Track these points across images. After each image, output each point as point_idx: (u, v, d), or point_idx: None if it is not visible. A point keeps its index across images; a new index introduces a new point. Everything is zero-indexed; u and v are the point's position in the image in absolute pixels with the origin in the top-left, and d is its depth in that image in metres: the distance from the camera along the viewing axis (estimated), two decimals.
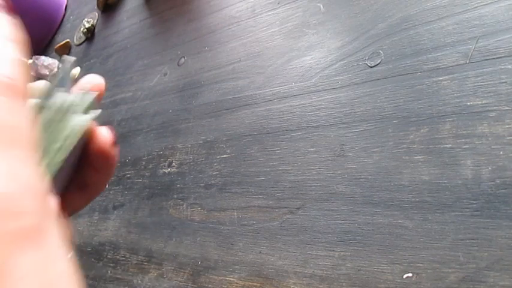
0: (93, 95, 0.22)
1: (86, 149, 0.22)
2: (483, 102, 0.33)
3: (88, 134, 0.21)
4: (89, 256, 0.59)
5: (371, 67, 0.42)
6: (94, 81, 0.24)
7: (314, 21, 0.50)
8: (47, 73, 0.91)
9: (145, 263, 0.50)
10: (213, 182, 0.49)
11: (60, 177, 0.22)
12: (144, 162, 0.60)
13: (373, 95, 0.40)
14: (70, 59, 0.22)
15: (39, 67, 0.90)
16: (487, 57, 0.35)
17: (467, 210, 0.31)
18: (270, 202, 0.43)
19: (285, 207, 0.41)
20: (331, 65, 0.45)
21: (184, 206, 0.50)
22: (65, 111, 0.21)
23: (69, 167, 0.22)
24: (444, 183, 0.33)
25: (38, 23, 1.06)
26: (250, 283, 0.40)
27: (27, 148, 0.14)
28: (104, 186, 0.24)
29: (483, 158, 0.32)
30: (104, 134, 0.22)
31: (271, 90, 0.50)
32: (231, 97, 0.54)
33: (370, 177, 0.37)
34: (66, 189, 0.24)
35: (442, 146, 0.34)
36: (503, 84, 0.33)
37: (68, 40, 0.97)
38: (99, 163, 0.23)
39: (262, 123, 0.48)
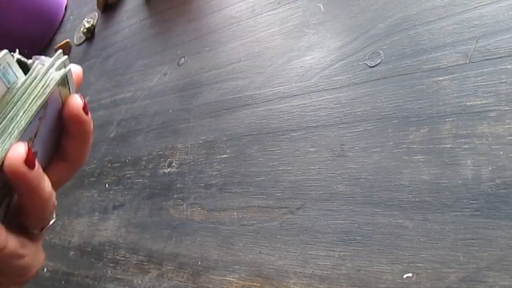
0: (63, 58, 0.23)
1: (61, 116, 0.23)
2: (483, 102, 0.33)
3: (61, 100, 0.22)
4: (89, 256, 0.59)
5: (371, 67, 0.42)
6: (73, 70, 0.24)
7: (314, 21, 0.50)
8: None
9: (145, 263, 0.50)
10: (213, 182, 0.49)
11: (43, 146, 0.23)
12: (144, 162, 0.60)
13: (373, 95, 0.40)
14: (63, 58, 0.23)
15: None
16: (487, 57, 0.35)
17: (467, 210, 0.31)
18: (270, 202, 0.43)
19: (285, 207, 0.41)
20: (331, 65, 0.45)
21: (184, 206, 0.50)
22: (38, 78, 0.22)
23: (49, 136, 0.23)
24: (444, 183, 0.33)
25: (38, 23, 1.06)
26: (250, 283, 0.40)
27: None
28: (83, 155, 0.25)
29: (483, 158, 0.32)
30: (75, 99, 0.23)
31: (271, 90, 0.50)
32: (231, 97, 0.54)
33: (370, 177, 0.37)
34: (50, 161, 0.24)
35: (442, 146, 0.34)
36: (503, 84, 0.33)
37: (68, 40, 0.97)
38: (73, 129, 0.23)
39: (262, 123, 0.48)
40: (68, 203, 0.69)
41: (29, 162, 0.20)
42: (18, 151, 0.20)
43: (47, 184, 0.22)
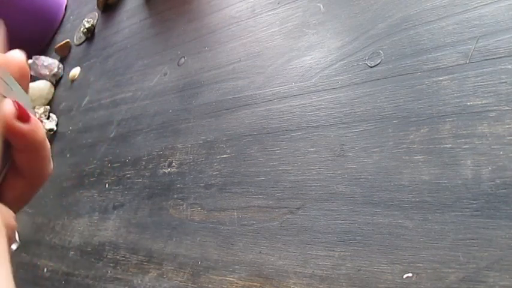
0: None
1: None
2: (483, 102, 0.33)
3: None
4: (89, 256, 0.59)
5: (371, 67, 0.42)
6: (15, 61, 0.21)
7: (314, 21, 0.50)
8: (47, 73, 0.91)
9: (145, 263, 0.50)
10: (213, 182, 0.49)
11: None
12: (144, 162, 0.60)
13: (373, 95, 0.40)
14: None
15: (39, 67, 0.90)
16: (487, 57, 0.35)
17: (467, 210, 0.31)
18: (270, 202, 0.43)
19: (285, 207, 0.41)
20: (331, 65, 0.45)
21: (184, 206, 0.50)
22: None
23: None
24: (444, 183, 0.33)
25: (38, 23, 1.06)
26: (250, 283, 0.40)
27: None
28: (38, 168, 0.21)
29: (483, 158, 0.32)
30: (4, 106, 0.19)
31: (271, 90, 0.50)
32: (231, 97, 0.54)
33: (370, 177, 0.37)
34: (5, 178, 0.21)
35: (442, 146, 0.34)
36: (503, 84, 0.33)
37: (68, 40, 0.97)
38: (15, 143, 0.20)
39: (262, 123, 0.48)
40: (68, 203, 0.69)
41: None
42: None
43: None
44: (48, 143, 0.21)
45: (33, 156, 0.21)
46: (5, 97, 0.19)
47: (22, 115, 0.19)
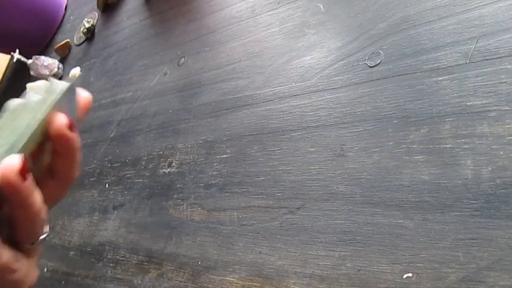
0: (65, 84, 0.24)
1: (47, 135, 0.24)
2: (483, 102, 0.33)
3: (48, 121, 0.23)
4: (89, 256, 0.59)
5: (371, 67, 0.42)
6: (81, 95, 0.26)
7: (314, 21, 0.50)
8: (47, 73, 0.91)
9: (145, 263, 0.50)
10: (213, 182, 0.49)
11: (35, 164, 0.24)
12: (144, 162, 0.60)
13: (373, 95, 0.40)
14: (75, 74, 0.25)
15: (39, 67, 0.90)
16: (487, 57, 0.35)
17: (467, 210, 0.31)
18: (270, 202, 0.43)
19: (285, 207, 0.41)
20: (331, 65, 0.45)
21: (184, 206, 0.50)
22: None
23: (41, 153, 0.24)
24: (444, 183, 0.33)
25: (38, 23, 1.06)
26: (250, 283, 0.40)
27: None
28: (72, 172, 0.26)
29: (483, 158, 0.32)
30: (59, 118, 0.24)
31: (271, 90, 0.50)
32: (231, 97, 0.54)
33: (370, 177, 0.37)
34: (40, 179, 0.25)
35: (442, 146, 0.34)
36: (503, 84, 0.33)
37: (68, 40, 0.97)
38: (59, 147, 0.24)
39: (262, 123, 0.48)
40: (68, 203, 0.69)
41: (22, 173, 0.21)
42: (13, 162, 0.21)
43: (38, 198, 0.23)
44: (81, 153, 0.26)
45: (69, 159, 0.25)
46: (66, 112, 0.24)
47: (71, 126, 0.24)
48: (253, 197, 0.44)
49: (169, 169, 0.56)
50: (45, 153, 0.25)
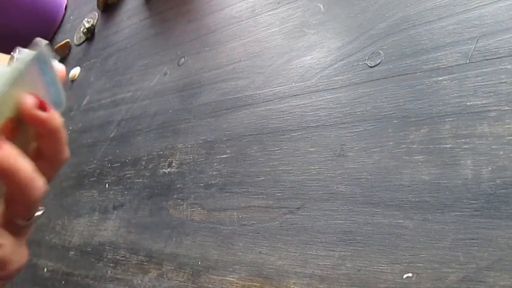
0: (31, 53, 0.23)
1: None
2: (483, 102, 0.33)
3: (18, 98, 0.23)
4: (89, 256, 0.59)
5: (371, 67, 0.42)
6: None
7: (314, 21, 0.50)
8: None
9: (145, 263, 0.50)
10: (213, 182, 0.49)
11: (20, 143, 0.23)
12: (144, 162, 0.60)
13: (373, 95, 0.40)
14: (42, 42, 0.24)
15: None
16: (487, 57, 0.35)
17: (467, 210, 0.31)
18: (270, 202, 0.43)
19: (285, 207, 0.41)
20: (331, 65, 0.45)
21: (184, 206, 0.50)
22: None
23: (21, 132, 0.24)
24: (444, 183, 0.33)
25: (38, 23, 1.06)
26: (250, 283, 0.40)
27: None
28: (58, 151, 0.25)
29: (483, 158, 0.32)
30: (25, 99, 0.23)
31: (271, 90, 0.50)
32: (231, 97, 0.54)
33: (370, 177, 0.37)
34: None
35: (442, 146, 0.34)
36: (503, 84, 0.33)
37: (68, 40, 0.97)
38: (36, 128, 0.24)
39: (262, 123, 0.48)
40: (68, 203, 0.69)
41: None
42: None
43: (26, 165, 0.22)
44: (64, 130, 0.25)
45: (51, 140, 0.24)
46: (43, 87, 0.24)
47: (41, 106, 0.23)
48: (253, 197, 0.44)
49: (169, 169, 0.56)
50: (27, 133, 0.24)
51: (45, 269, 0.65)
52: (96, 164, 0.69)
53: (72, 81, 0.88)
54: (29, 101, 0.23)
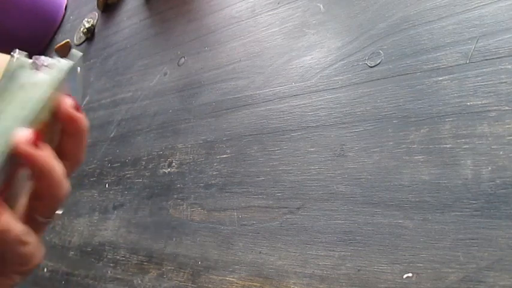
0: (67, 64, 0.26)
1: (56, 116, 0.25)
2: (483, 102, 0.33)
3: (56, 102, 0.25)
4: (89, 256, 0.59)
5: (371, 67, 0.42)
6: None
7: (314, 21, 0.50)
8: None
9: (145, 263, 0.50)
10: (213, 182, 0.49)
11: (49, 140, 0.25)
12: (144, 162, 0.60)
13: (373, 95, 0.40)
14: (77, 54, 0.27)
15: (39, 67, 0.90)
16: (487, 57, 0.35)
17: (467, 210, 0.31)
18: (270, 202, 0.43)
19: (285, 207, 0.41)
20: (331, 65, 0.45)
21: (184, 206, 0.50)
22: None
23: (49, 134, 0.25)
24: (444, 183, 0.33)
25: (38, 23, 1.06)
26: (250, 283, 0.40)
27: None
28: (80, 151, 0.27)
29: (483, 158, 0.32)
30: (65, 99, 0.25)
31: (271, 90, 0.50)
32: (231, 97, 0.54)
33: (370, 177, 0.37)
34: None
35: (442, 146, 0.34)
36: (503, 84, 0.33)
37: (68, 40, 0.97)
38: (68, 128, 0.26)
39: (262, 123, 0.48)
40: (68, 203, 0.69)
41: (35, 142, 0.23)
42: (26, 133, 0.23)
43: (58, 168, 0.24)
44: (88, 133, 0.27)
45: (78, 139, 0.26)
46: (70, 93, 0.26)
47: (77, 108, 0.25)
48: (253, 197, 0.44)
49: (169, 169, 0.56)
50: (53, 135, 0.26)
51: (45, 269, 0.65)
52: (96, 164, 0.69)
53: None
54: (69, 101, 0.25)
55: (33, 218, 0.25)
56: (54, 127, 0.26)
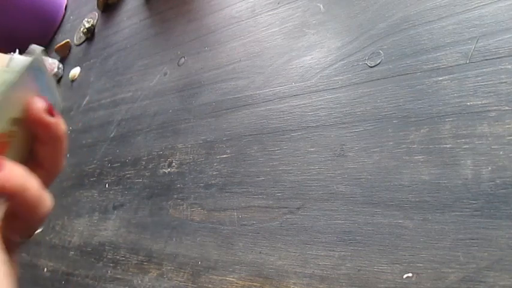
0: (27, 59, 0.21)
1: (25, 122, 0.22)
2: (483, 102, 0.33)
3: (16, 106, 0.21)
4: (89, 256, 0.59)
5: (371, 67, 0.42)
6: None
7: (314, 21, 0.50)
8: None
9: (145, 263, 0.50)
10: (213, 182, 0.49)
11: (13, 151, 0.22)
12: (144, 162, 0.60)
13: (373, 95, 0.40)
14: (37, 48, 0.22)
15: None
16: (487, 57, 0.35)
17: (467, 210, 0.31)
18: (270, 202, 0.43)
19: (285, 207, 0.41)
20: (331, 65, 0.45)
21: (184, 206, 0.50)
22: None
23: (18, 142, 0.22)
24: (444, 183, 0.33)
25: (38, 23, 1.06)
26: (250, 283, 0.40)
27: None
28: (57, 160, 0.24)
29: (483, 158, 0.32)
30: (35, 102, 0.22)
31: (271, 90, 0.50)
32: (231, 97, 0.54)
33: (370, 177, 0.37)
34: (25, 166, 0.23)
35: (442, 146, 0.34)
36: (503, 84, 0.33)
37: (68, 40, 0.97)
38: (40, 134, 0.22)
39: (262, 123, 0.48)
40: (68, 203, 0.69)
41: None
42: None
43: (32, 182, 0.21)
44: (66, 140, 0.24)
45: (53, 147, 0.23)
46: (38, 95, 0.22)
47: (49, 110, 0.22)
48: (253, 197, 0.44)
49: (169, 169, 0.56)
50: (23, 143, 0.22)
51: (45, 269, 0.65)
52: (96, 164, 0.69)
53: (72, 81, 0.88)
54: (38, 104, 0.22)
55: (6, 239, 0.22)
56: (23, 134, 0.22)
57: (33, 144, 0.23)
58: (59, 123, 0.23)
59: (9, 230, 0.22)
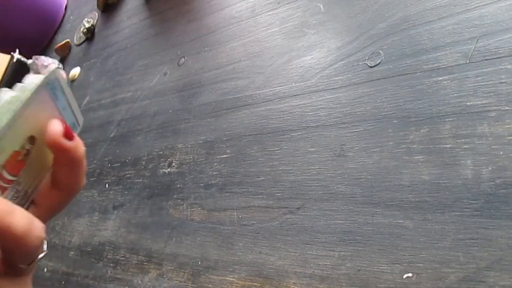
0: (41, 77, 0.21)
1: (42, 142, 0.21)
2: (483, 102, 0.33)
3: (32, 126, 0.21)
4: (89, 256, 0.59)
5: (371, 67, 0.42)
6: None
7: (314, 21, 0.50)
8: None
9: (145, 263, 0.50)
10: (213, 182, 0.49)
11: (30, 172, 0.22)
12: (144, 162, 0.60)
13: (373, 95, 0.40)
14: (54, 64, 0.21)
15: (39, 67, 0.90)
16: (487, 57, 0.35)
17: (467, 210, 0.31)
18: (270, 202, 0.43)
19: (285, 207, 0.41)
20: (331, 65, 0.45)
21: (184, 206, 0.50)
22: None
23: (35, 160, 0.22)
24: (444, 183, 0.33)
25: (38, 23, 1.06)
26: (250, 283, 0.40)
27: None
28: (75, 182, 0.23)
29: (483, 158, 0.32)
30: (53, 125, 0.21)
31: (271, 90, 0.50)
32: (231, 97, 0.54)
33: (370, 177, 0.37)
34: (42, 188, 0.23)
35: (442, 146, 0.34)
36: (503, 84, 0.33)
37: (68, 40, 0.97)
38: (58, 157, 0.22)
39: (262, 123, 0.48)
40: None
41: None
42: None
43: (18, 220, 0.19)
44: (85, 161, 0.24)
45: (72, 170, 0.23)
46: (56, 115, 0.22)
47: (67, 134, 0.22)
48: (253, 197, 0.44)
49: (169, 169, 0.56)
50: (41, 162, 0.22)
51: (45, 269, 0.65)
52: (96, 164, 0.69)
53: (72, 81, 0.88)
54: (56, 127, 0.21)
55: (12, 266, 0.22)
56: (40, 152, 0.22)
57: (51, 163, 0.23)
58: (78, 146, 0.22)
59: (10, 260, 0.22)
